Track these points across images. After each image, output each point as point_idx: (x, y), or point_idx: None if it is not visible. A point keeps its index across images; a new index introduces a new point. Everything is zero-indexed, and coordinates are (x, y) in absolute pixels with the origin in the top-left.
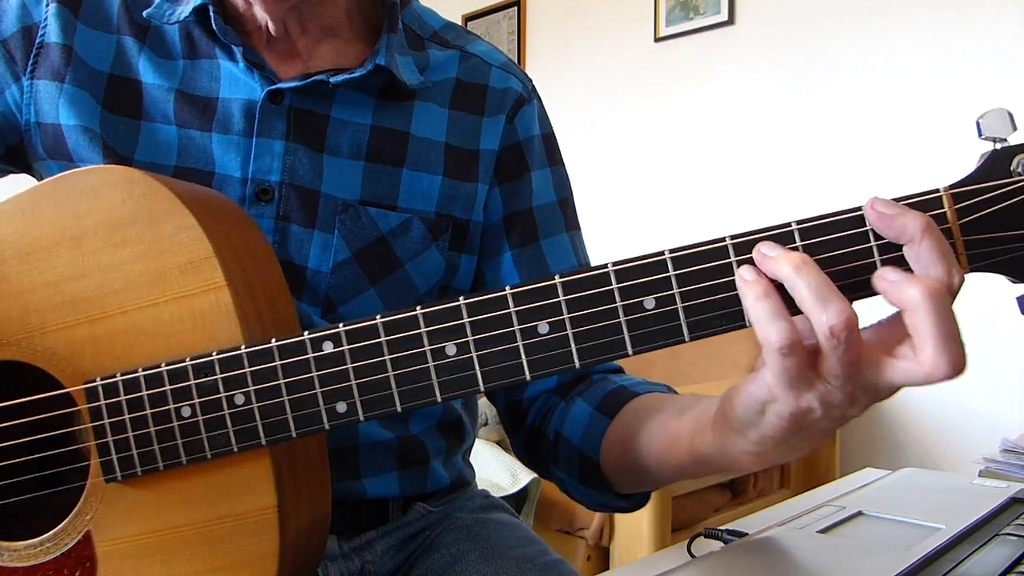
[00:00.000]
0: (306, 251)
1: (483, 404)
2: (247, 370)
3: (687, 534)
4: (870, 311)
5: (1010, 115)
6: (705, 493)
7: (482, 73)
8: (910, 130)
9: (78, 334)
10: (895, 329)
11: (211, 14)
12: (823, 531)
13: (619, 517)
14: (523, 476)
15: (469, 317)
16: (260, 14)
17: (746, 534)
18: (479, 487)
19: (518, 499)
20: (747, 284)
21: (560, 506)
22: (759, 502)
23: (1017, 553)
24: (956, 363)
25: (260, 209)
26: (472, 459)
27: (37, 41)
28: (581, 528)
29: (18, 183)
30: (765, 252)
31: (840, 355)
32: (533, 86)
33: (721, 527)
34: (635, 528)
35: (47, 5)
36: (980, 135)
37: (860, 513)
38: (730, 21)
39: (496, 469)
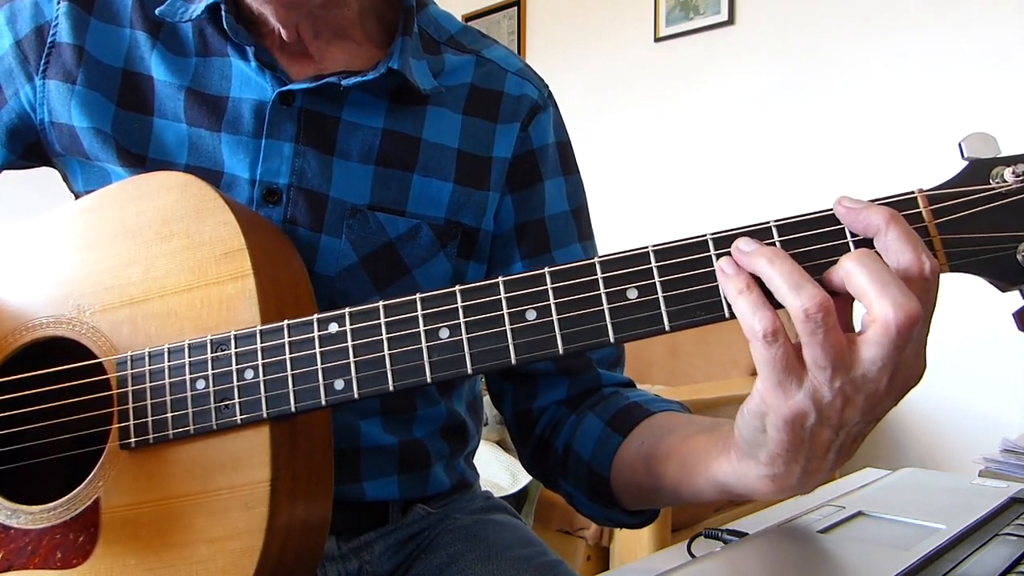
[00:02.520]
0: (312, 255)
1: (484, 404)
2: (258, 346)
3: (687, 534)
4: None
5: (993, 139)
6: None
7: (498, 79)
8: (910, 130)
9: (119, 315)
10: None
11: (223, 13)
12: (823, 531)
13: None
14: (523, 476)
15: (463, 303)
16: (272, 21)
17: (746, 534)
18: (481, 488)
19: (518, 499)
20: (727, 278)
21: (560, 506)
22: (759, 502)
23: (1017, 553)
24: (900, 303)
25: (267, 212)
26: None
27: (49, 40)
28: (581, 528)
29: (24, 179)
30: (742, 248)
31: (820, 340)
32: (549, 92)
33: (721, 527)
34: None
35: (58, 2)
36: (963, 156)
37: (860, 513)
38: (730, 21)
39: (496, 469)
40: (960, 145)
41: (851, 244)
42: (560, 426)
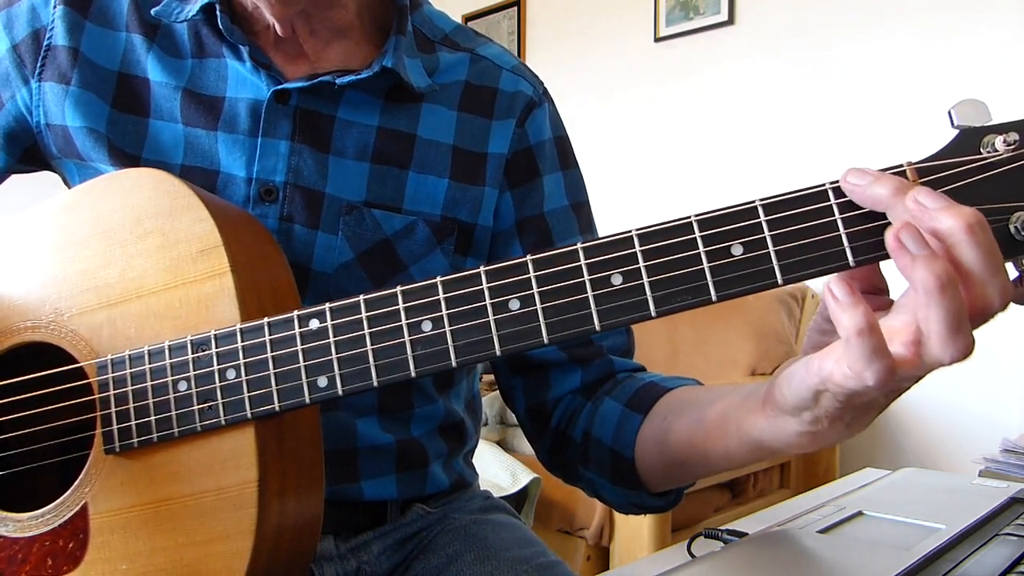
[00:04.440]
0: (309, 252)
1: (483, 404)
2: (239, 345)
3: (687, 534)
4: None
5: (984, 105)
6: (705, 493)
7: (492, 76)
8: (910, 130)
9: (98, 317)
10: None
11: (217, 13)
12: (823, 531)
13: (619, 517)
14: (523, 476)
15: (444, 294)
16: (267, 16)
17: (746, 534)
18: (480, 488)
19: (518, 499)
20: (842, 308)
21: (560, 506)
22: (759, 502)
23: (1017, 553)
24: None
25: (264, 209)
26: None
27: (45, 44)
28: (581, 528)
29: (29, 180)
30: (907, 243)
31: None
32: (544, 89)
33: (721, 527)
34: (635, 528)
35: (54, 7)
36: (953, 124)
37: (860, 513)
38: (730, 21)
39: (496, 469)
40: (950, 112)
41: (839, 221)
42: (577, 415)
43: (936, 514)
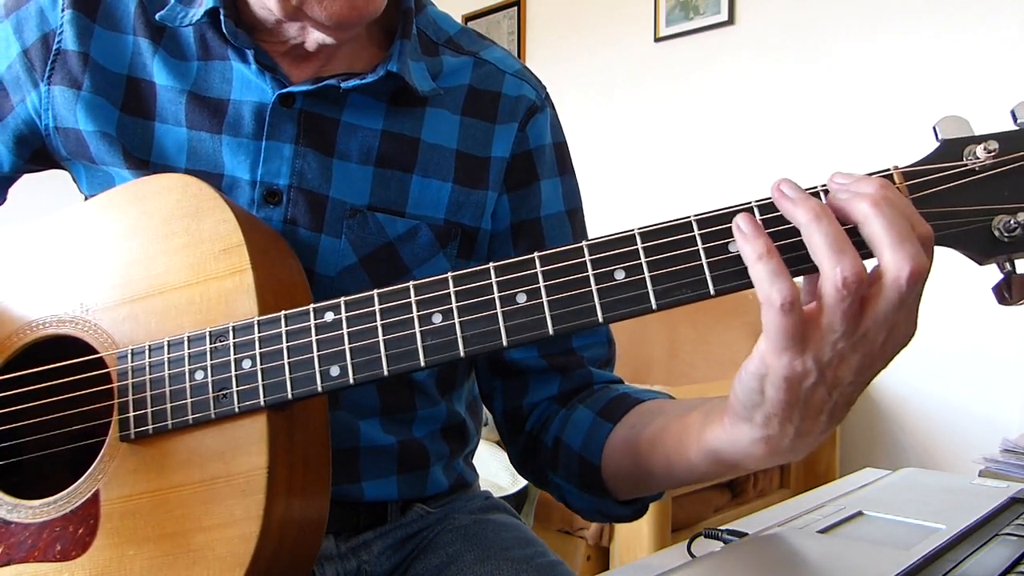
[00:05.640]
0: (313, 255)
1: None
2: (256, 336)
3: (687, 534)
4: None
5: (966, 122)
6: (705, 493)
7: (496, 80)
8: (910, 131)
9: (121, 312)
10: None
11: (222, 18)
12: (823, 531)
13: None
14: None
15: (455, 288)
16: (318, 37)
17: (746, 534)
18: (481, 488)
19: (518, 499)
20: (745, 239)
21: (560, 506)
22: (759, 502)
23: (1017, 553)
24: (915, 256)
25: (268, 212)
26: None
27: (54, 48)
28: (581, 528)
29: (39, 179)
30: (786, 191)
31: (845, 308)
32: (547, 94)
33: (721, 527)
34: (635, 528)
35: (62, 10)
36: (937, 138)
37: (860, 513)
38: (730, 21)
39: (496, 469)
40: (934, 128)
41: None
42: (550, 421)
43: (936, 514)
